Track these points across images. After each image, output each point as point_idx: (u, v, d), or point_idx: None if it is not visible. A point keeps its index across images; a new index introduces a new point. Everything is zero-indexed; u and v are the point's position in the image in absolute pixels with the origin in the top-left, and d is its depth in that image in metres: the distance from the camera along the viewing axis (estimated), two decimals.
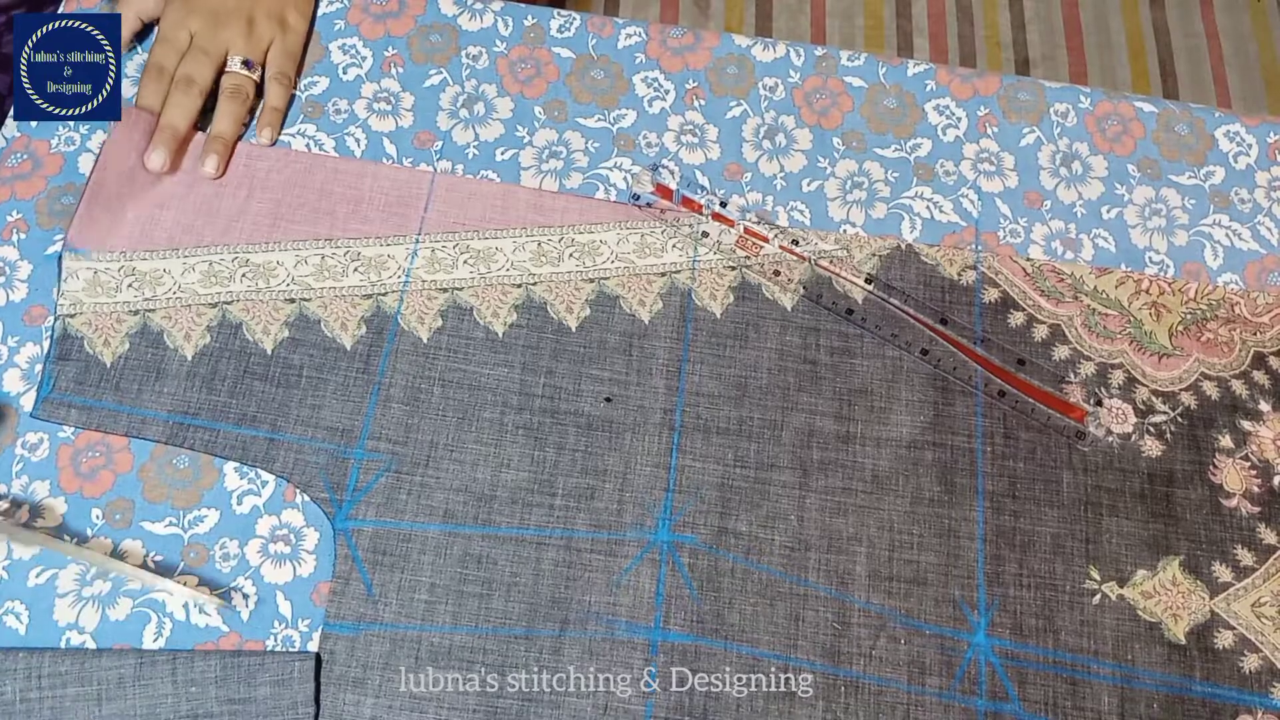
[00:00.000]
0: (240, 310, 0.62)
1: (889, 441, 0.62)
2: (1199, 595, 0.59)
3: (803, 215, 0.68)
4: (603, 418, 0.61)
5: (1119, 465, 0.62)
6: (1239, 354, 0.65)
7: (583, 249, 0.65)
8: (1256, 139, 0.72)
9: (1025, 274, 0.66)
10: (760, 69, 0.72)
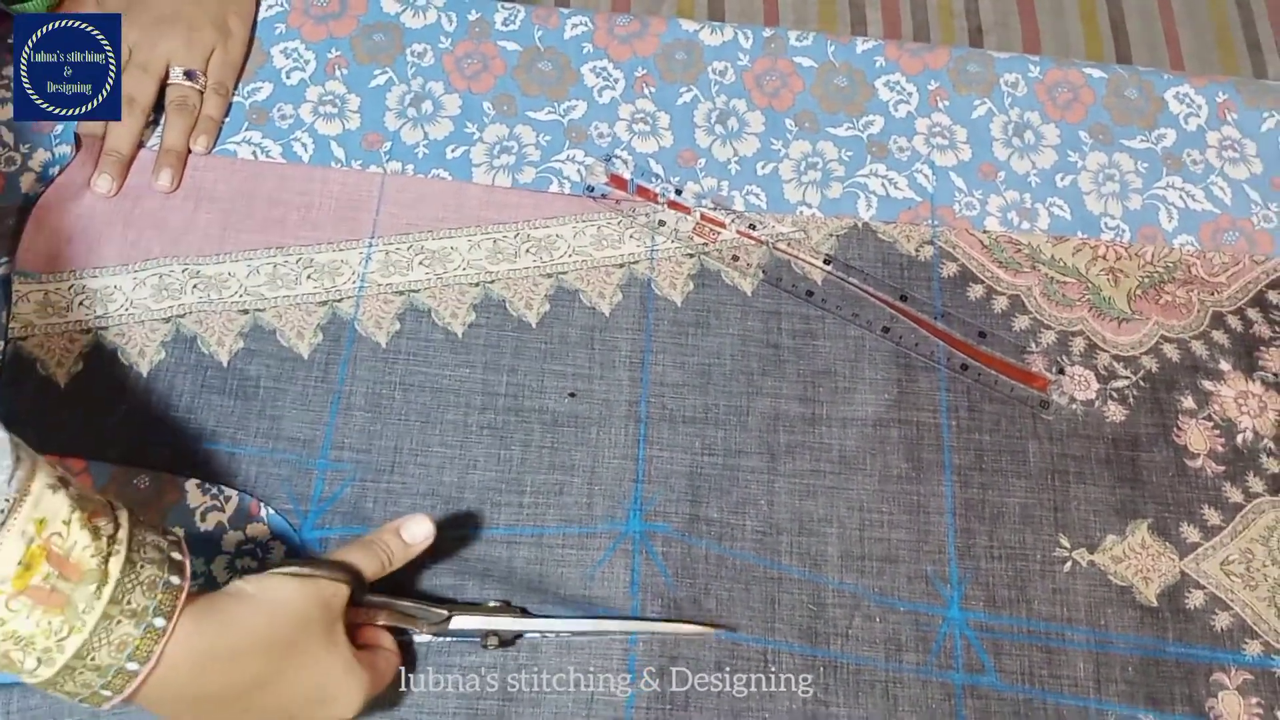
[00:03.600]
0: (194, 323, 0.61)
1: (855, 421, 0.62)
2: (1168, 557, 0.60)
3: (759, 199, 0.67)
4: (568, 413, 0.61)
5: (1083, 432, 0.62)
6: (1198, 315, 0.66)
7: (539, 244, 0.65)
8: (1206, 99, 0.73)
9: (982, 246, 0.67)
10: (709, 53, 0.72)
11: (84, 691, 0.42)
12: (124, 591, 0.42)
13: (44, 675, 0.41)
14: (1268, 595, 0.59)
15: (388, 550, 0.52)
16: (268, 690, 0.47)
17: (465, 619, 0.54)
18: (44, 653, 0.41)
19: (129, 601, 0.42)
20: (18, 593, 0.39)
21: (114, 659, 0.42)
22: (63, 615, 0.40)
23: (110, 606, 0.41)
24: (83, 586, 0.41)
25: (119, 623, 0.42)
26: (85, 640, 0.41)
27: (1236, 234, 0.68)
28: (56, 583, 0.40)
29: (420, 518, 0.53)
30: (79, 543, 0.41)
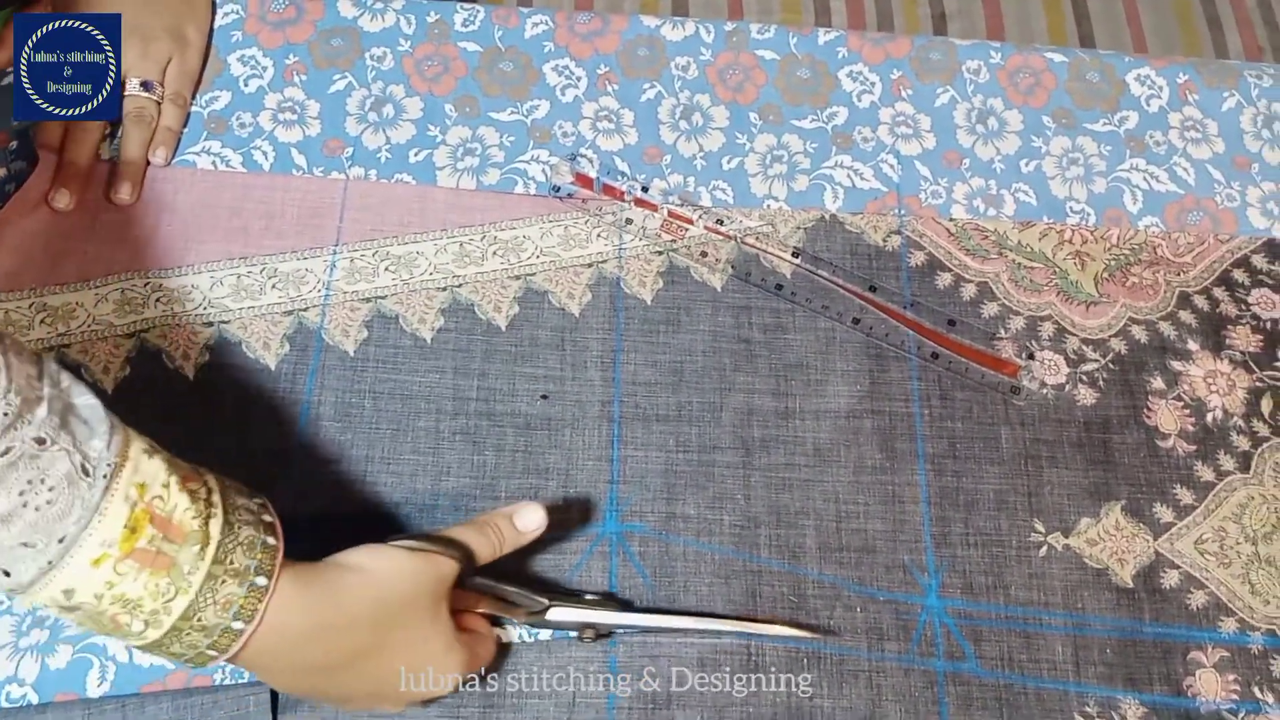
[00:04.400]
0: (157, 337, 0.60)
1: (828, 413, 0.62)
2: (1142, 538, 0.60)
3: (725, 194, 0.67)
4: (540, 416, 0.60)
5: (1055, 416, 0.62)
6: (1164, 296, 0.66)
7: (506, 246, 0.64)
8: (1166, 80, 0.73)
9: (949, 234, 0.67)
10: (671, 48, 0.72)
11: (189, 652, 0.43)
12: (225, 552, 0.43)
13: (151, 637, 0.42)
14: (1241, 572, 0.60)
15: (500, 535, 0.52)
16: (369, 661, 0.47)
17: (563, 610, 0.54)
18: (151, 615, 0.41)
19: (231, 561, 0.43)
20: (125, 555, 0.40)
21: (220, 618, 0.42)
22: (168, 577, 0.41)
23: (214, 566, 0.42)
24: (186, 548, 0.42)
25: (223, 582, 0.42)
26: (191, 601, 0.41)
27: (1201, 214, 0.69)
28: (161, 545, 0.41)
29: (534, 505, 0.53)
30: (179, 505, 0.42)
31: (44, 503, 0.39)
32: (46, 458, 0.39)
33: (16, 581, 0.40)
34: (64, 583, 0.40)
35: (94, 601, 0.40)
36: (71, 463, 0.39)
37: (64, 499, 0.39)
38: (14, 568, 0.39)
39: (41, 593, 0.40)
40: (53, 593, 0.40)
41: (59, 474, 0.39)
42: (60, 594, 0.40)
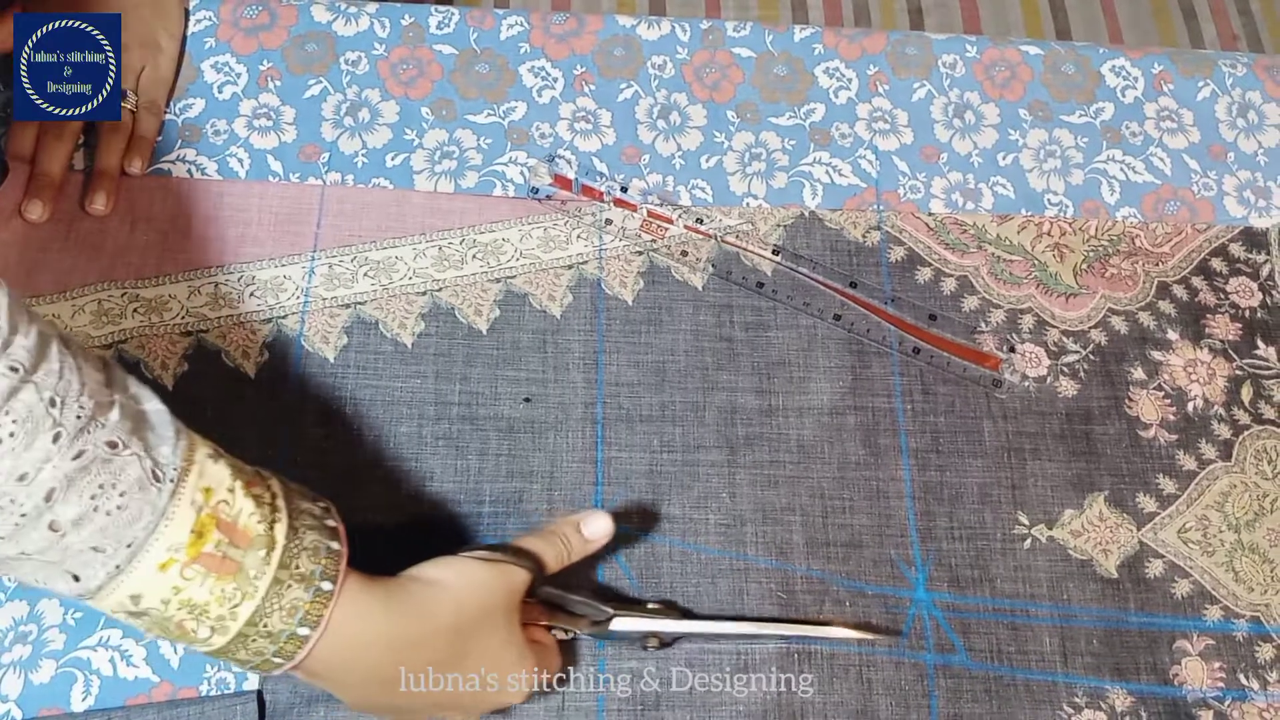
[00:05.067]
0: (135, 348, 0.60)
1: (811, 410, 0.62)
2: (1126, 528, 0.61)
3: (704, 193, 0.67)
4: (523, 419, 0.60)
5: (1037, 409, 0.63)
6: (1143, 286, 0.66)
7: (486, 249, 0.64)
8: (1142, 71, 0.73)
9: (929, 229, 0.67)
10: (648, 48, 0.71)
11: (255, 659, 0.43)
12: (290, 556, 0.42)
13: (217, 644, 0.42)
14: (1225, 560, 0.60)
15: (568, 543, 0.52)
16: (446, 673, 0.47)
17: (627, 620, 0.54)
18: (217, 621, 0.41)
19: (296, 566, 0.43)
20: (191, 560, 0.40)
21: (285, 624, 0.42)
22: (235, 581, 0.41)
23: (280, 571, 0.42)
24: (252, 552, 0.41)
25: (289, 587, 0.42)
26: (258, 606, 0.41)
27: (1178, 203, 0.69)
28: (227, 550, 0.41)
29: (600, 513, 0.53)
30: (244, 510, 0.42)
31: (115, 508, 0.39)
32: (118, 463, 0.39)
33: (85, 587, 0.40)
34: (131, 588, 0.40)
35: (160, 607, 0.40)
36: (142, 468, 0.39)
37: (134, 504, 0.39)
38: (83, 572, 0.39)
39: (109, 598, 0.40)
40: (120, 598, 0.40)
41: (130, 479, 0.39)
42: (127, 599, 0.40)
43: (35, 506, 0.37)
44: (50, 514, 0.38)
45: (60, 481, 0.38)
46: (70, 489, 0.38)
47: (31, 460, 0.37)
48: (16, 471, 0.37)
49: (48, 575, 0.40)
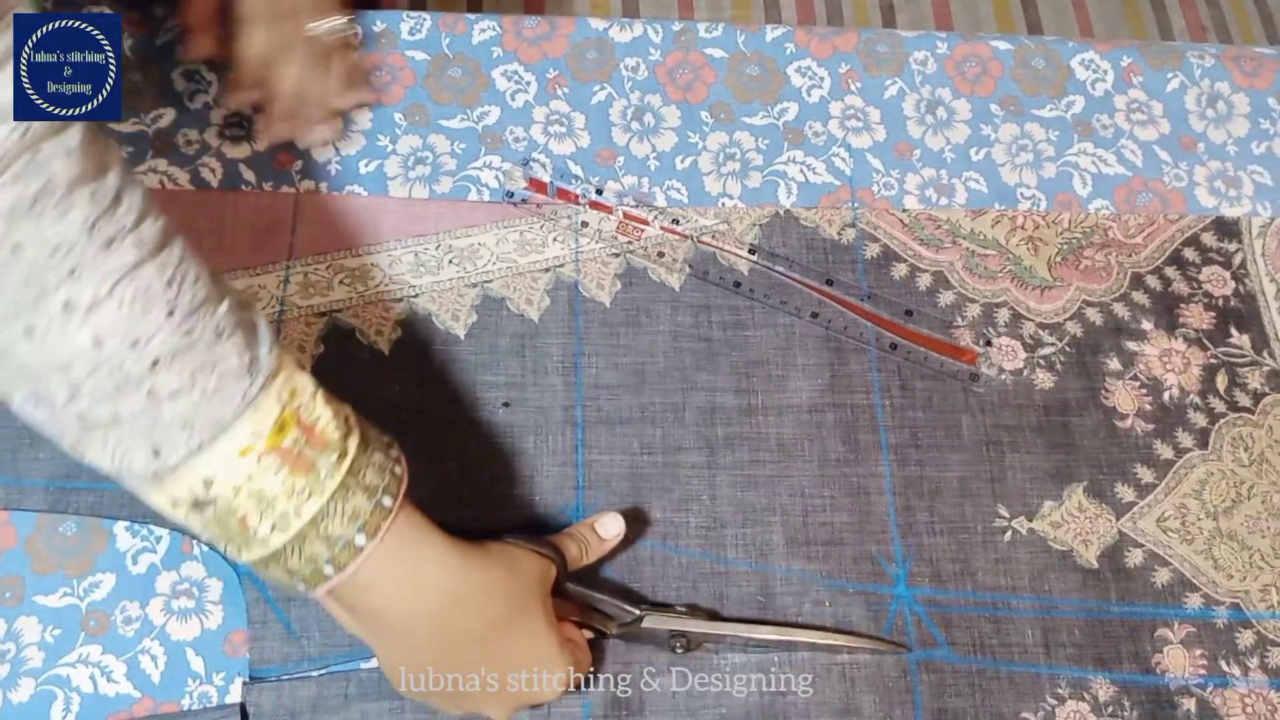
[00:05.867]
0: None
1: (790, 408, 0.62)
2: (1105, 518, 0.61)
3: (680, 193, 0.67)
4: (503, 423, 0.60)
5: (1014, 402, 0.63)
6: (1117, 277, 0.67)
7: (462, 254, 0.64)
8: (1111, 64, 0.74)
9: (903, 225, 0.67)
10: (620, 50, 0.71)
11: (306, 568, 0.44)
12: (360, 467, 0.44)
13: (274, 543, 0.43)
14: (1204, 548, 0.60)
15: (585, 542, 0.55)
16: (491, 648, 0.49)
17: (657, 619, 0.55)
18: (281, 517, 0.42)
19: (364, 477, 0.45)
20: (270, 450, 0.42)
21: (345, 530, 0.44)
22: (306, 479, 0.43)
23: (347, 477, 0.44)
24: (325, 455, 0.43)
25: (354, 493, 0.44)
26: (323, 505, 0.43)
27: (1150, 194, 0.70)
28: (303, 448, 0.43)
29: (613, 514, 0.56)
30: (323, 417, 0.44)
31: (210, 388, 0.41)
32: (220, 349, 0.42)
33: (163, 463, 0.41)
34: (207, 470, 0.41)
35: (230, 495, 0.42)
36: (240, 360, 0.42)
37: (228, 389, 0.41)
38: (165, 447, 0.41)
39: (182, 480, 0.41)
40: (192, 480, 0.41)
41: (228, 366, 0.42)
42: (200, 483, 0.41)
43: (140, 371, 0.40)
44: (151, 380, 0.40)
45: (166, 353, 0.40)
46: (174, 362, 0.40)
47: (144, 329, 0.40)
48: (130, 336, 0.39)
49: (129, 447, 0.41)
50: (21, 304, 0.39)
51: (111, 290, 0.39)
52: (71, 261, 0.39)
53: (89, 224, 0.39)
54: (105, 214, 0.40)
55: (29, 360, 0.40)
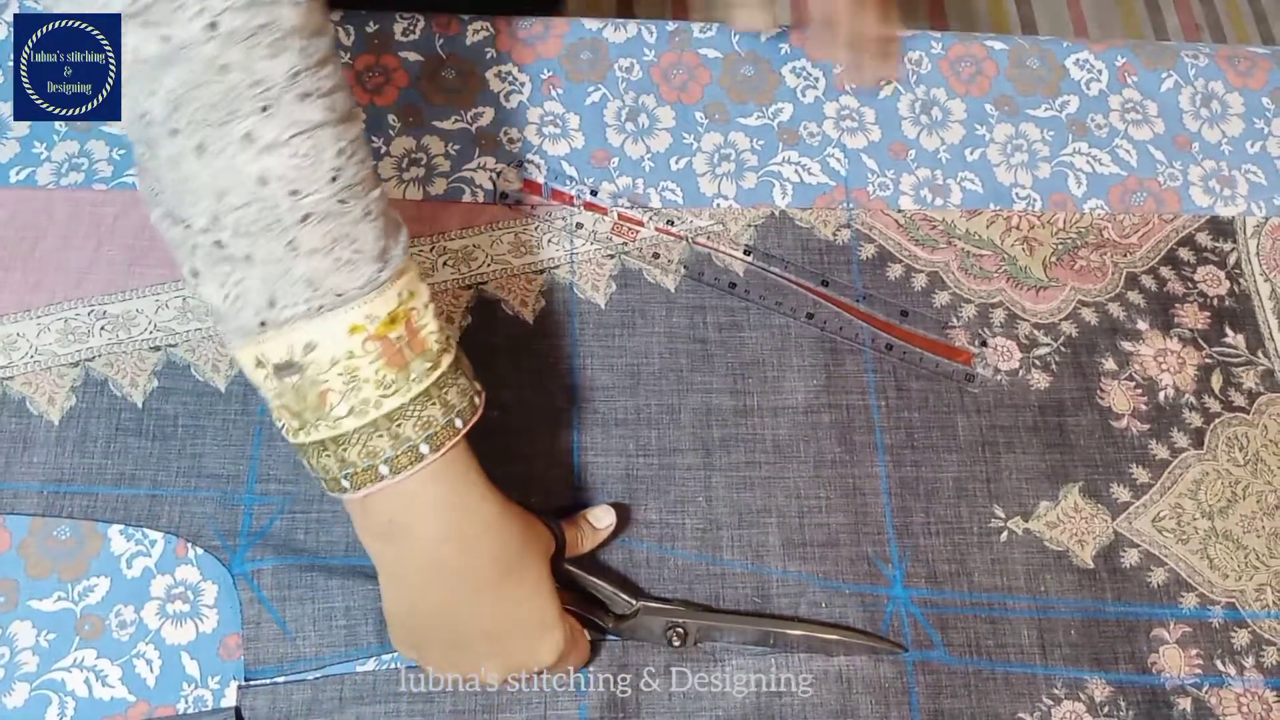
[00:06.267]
0: (104, 365, 0.59)
1: (786, 409, 0.62)
2: (1101, 518, 0.61)
3: (675, 194, 0.67)
4: (498, 426, 0.60)
5: (1010, 402, 0.63)
6: (1112, 277, 0.67)
7: (457, 256, 0.64)
8: (1105, 64, 0.74)
9: (898, 226, 0.67)
10: (614, 50, 0.71)
11: (362, 462, 0.45)
12: (446, 383, 0.46)
13: (345, 426, 0.44)
14: (1199, 548, 0.60)
15: (580, 530, 0.56)
16: (499, 595, 0.49)
17: (654, 611, 0.56)
18: (361, 403, 0.44)
19: (446, 393, 0.46)
20: (376, 336, 0.44)
21: (415, 434, 0.45)
22: (396, 374, 0.44)
23: (433, 388, 0.46)
24: (420, 360, 0.45)
25: (433, 403, 0.46)
26: (403, 404, 0.44)
27: (1144, 194, 0.70)
28: (404, 346, 0.45)
29: (605, 507, 0.57)
30: (429, 326, 0.46)
31: (345, 259, 0.43)
32: (364, 227, 0.44)
33: (275, 314, 0.42)
34: (312, 334, 0.43)
35: (324, 365, 0.43)
36: (376, 244, 0.44)
37: (359, 265, 0.43)
38: (283, 299, 0.42)
39: (285, 337, 0.43)
40: (294, 340, 0.43)
41: (366, 244, 0.44)
42: (301, 345, 0.43)
43: (291, 220, 0.42)
44: (296, 232, 0.42)
45: (319, 212, 0.42)
46: (322, 222, 0.42)
47: (307, 183, 0.42)
48: (294, 185, 0.42)
49: (249, 289, 0.42)
50: (208, 121, 0.41)
51: (292, 138, 0.42)
52: (268, 99, 0.41)
53: (293, 72, 0.42)
54: (309, 70, 0.42)
55: (189, 175, 0.42)
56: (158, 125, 0.42)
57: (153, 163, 0.43)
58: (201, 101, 0.41)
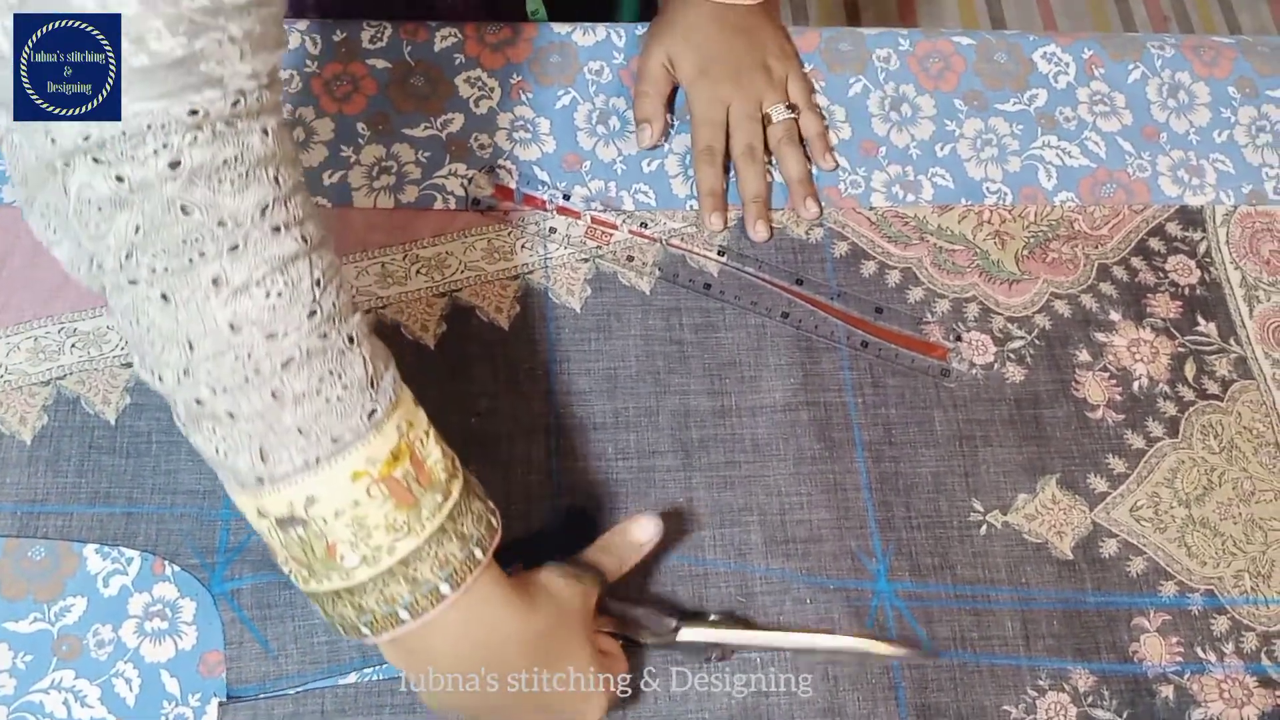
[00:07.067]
0: (75, 383, 0.59)
1: (764, 409, 0.62)
2: (1079, 509, 0.61)
3: (648, 196, 0.67)
4: (475, 433, 0.60)
5: (986, 396, 0.63)
6: (1084, 269, 0.67)
7: (429, 263, 0.64)
8: (1073, 57, 0.74)
9: (870, 223, 0.67)
10: (584, 54, 0.71)
11: (380, 609, 0.42)
12: (460, 513, 0.43)
13: (359, 577, 0.41)
14: (1177, 536, 0.61)
15: (621, 553, 0.53)
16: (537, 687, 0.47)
17: (692, 631, 0.54)
18: (373, 550, 0.41)
19: (461, 525, 0.43)
20: (381, 479, 0.41)
21: (432, 576, 0.42)
22: (407, 515, 0.41)
23: (447, 522, 0.43)
24: (430, 494, 0.42)
25: (449, 539, 0.43)
26: (418, 547, 0.42)
27: (1114, 186, 0.70)
28: (411, 483, 0.42)
29: (648, 517, 0.53)
30: (433, 455, 0.43)
31: (335, 397, 0.40)
32: (349, 358, 0.41)
33: (268, 470, 0.40)
34: (312, 488, 0.40)
35: (328, 518, 0.40)
36: (365, 372, 0.41)
37: (350, 402, 0.40)
38: (275, 454, 0.40)
39: (281, 493, 0.40)
40: (292, 495, 0.40)
41: (354, 377, 0.41)
42: (301, 499, 0.40)
43: (271, 368, 0.39)
44: (279, 381, 0.39)
45: (301, 353, 0.39)
46: (306, 364, 0.39)
47: (285, 323, 0.39)
48: (270, 328, 0.39)
49: (236, 447, 0.40)
50: (169, 268, 0.38)
51: (265, 277, 0.39)
52: (236, 237, 0.38)
53: (263, 205, 0.39)
54: (279, 201, 0.40)
55: (152, 325, 0.39)
56: (111, 274, 0.39)
57: (111, 314, 0.40)
58: (160, 246, 0.38)
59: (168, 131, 0.37)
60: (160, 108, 0.37)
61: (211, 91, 0.38)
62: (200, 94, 0.37)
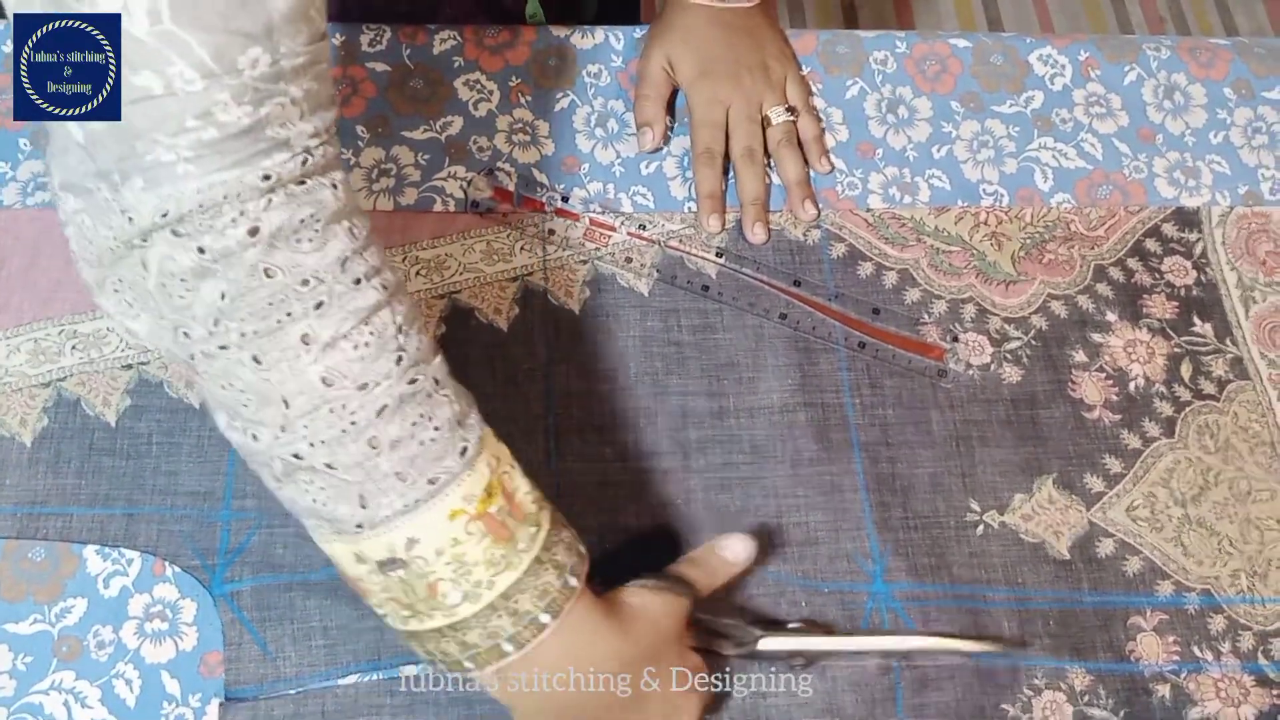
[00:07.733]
0: (76, 385, 0.59)
1: (762, 410, 0.62)
2: (1076, 509, 0.61)
3: (646, 198, 0.67)
4: None
5: (983, 396, 0.63)
6: (1080, 270, 0.67)
7: (429, 265, 0.64)
8: (1069, 59, 0.75)
9: (868, 224, 0.67)
10: (582, 56, 0.71)
11: (484, 644, 0.43)
12: (553, 542, 0.44)
13: (461, 614, 0.42)
14: (1173, 535, 0.61)
15: (713, 569, 0.53)
16: (635, 703, 0.47)
17: (774, 640, 0.55)
18: (474, 587, 0.42)
19: (555, 553, 0.44)
20: (477, 516, 0.41)
21: (533, 606, 0.43)
22: (504, 549, 0.42)
23: (542, 552, 0.43)
24: (524, 527, 0.43)
25: (546, 569, 0.43)
26: (517, 579, 0.42)
27: (1110, 187, 0.70)
28: (505, 517, 0.42)
29: (740, 536, 0.54)
30: (521, 487, 0.44)
31: (428, 439, 0.41)
32: (437, 399, 0.42)
33: (368, 516, 0.40)
34: (412, 530, 0.41)
35: (430, 558, 0.41)
36: (453, 411, 0.42)
37: (443, 443, 0.41)
38: (375, 500, 0.40)
39: (382, 537, 0.41)
40: (393, 539, 0.41)
41: (444, 417, 0.42)
42: (402, 542, 0.41)
43: (366, 418, 0.40)
44: (375, 429, 0.40)
45: (393, 400, 0.40)
46: (399, 410, 0.40)
47: (375, 373, 0.40)
48: (361, 379, 0.40)
49: (335, 497, 0.40)
50: (257, 331, 0.39)
51: (351, 330, 0.39)
52: (320, 294, 0.39)
53: (342, 259, 0.40)
54: (357, 253, 0.40)
55: (247, 388, 0.39)
56: (200, 342, 0.40)
57: (201, 379, 0.41)
58: (247, 310, 0.38)
59: (243, 200, 0.38)
60: (234, 177, 0.37)
61: (281, 155, 0.38)
62: (270, 159, 0.38)
